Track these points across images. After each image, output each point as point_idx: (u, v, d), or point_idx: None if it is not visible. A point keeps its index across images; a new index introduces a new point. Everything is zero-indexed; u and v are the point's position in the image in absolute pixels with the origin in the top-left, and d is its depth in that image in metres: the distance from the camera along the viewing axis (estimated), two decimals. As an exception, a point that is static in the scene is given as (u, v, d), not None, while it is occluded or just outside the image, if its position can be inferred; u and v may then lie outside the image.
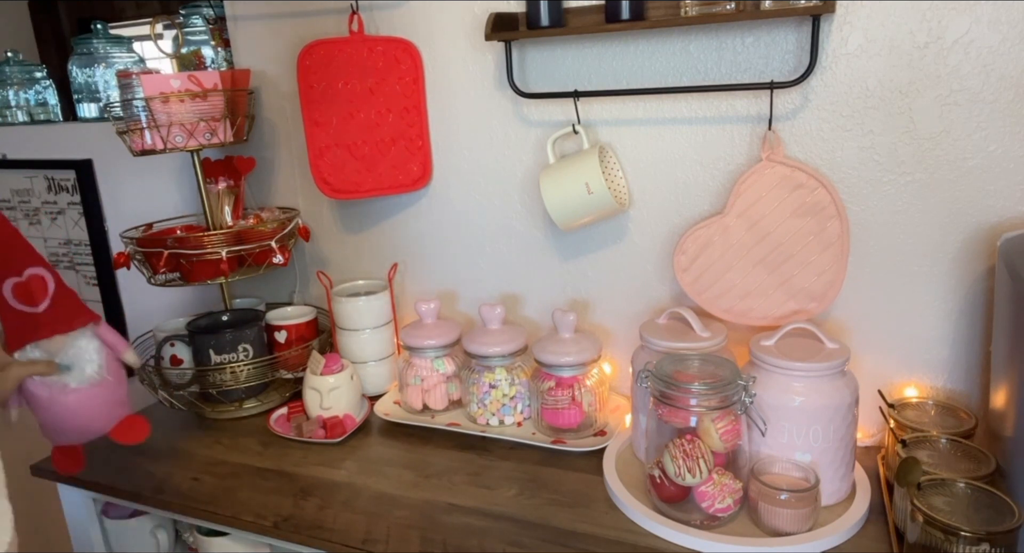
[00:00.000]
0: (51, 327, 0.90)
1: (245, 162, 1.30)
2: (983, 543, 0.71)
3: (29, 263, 0.90)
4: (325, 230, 1.40)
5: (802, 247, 1.00)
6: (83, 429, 0.94)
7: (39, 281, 0.90)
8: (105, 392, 0.94)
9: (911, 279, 1.00)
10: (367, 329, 1.28)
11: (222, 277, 1.21)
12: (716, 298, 1.06)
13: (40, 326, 0.90)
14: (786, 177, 0.99)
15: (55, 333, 0.90)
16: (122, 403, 0.97)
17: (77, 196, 1.60)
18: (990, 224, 0.95)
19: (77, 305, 0.94)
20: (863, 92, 0.96)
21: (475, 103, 1.20)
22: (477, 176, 1.24)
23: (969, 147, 0.93)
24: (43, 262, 0.92)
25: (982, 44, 0.90)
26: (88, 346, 0.92)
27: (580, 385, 1.10)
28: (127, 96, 1.15)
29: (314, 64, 1.18)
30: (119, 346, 0.96)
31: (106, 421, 0.95)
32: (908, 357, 1.03)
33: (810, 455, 0.89)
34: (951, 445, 0.88)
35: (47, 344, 0.90)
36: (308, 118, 1.19)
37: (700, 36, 1.03)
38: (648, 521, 0.90)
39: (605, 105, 1.11)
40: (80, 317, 0.93)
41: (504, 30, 1.07)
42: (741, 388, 0.88)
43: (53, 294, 0.91)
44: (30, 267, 0.90)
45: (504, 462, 1.07)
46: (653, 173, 1.11)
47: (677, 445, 0.88)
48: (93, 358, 0.92)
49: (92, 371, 0.92)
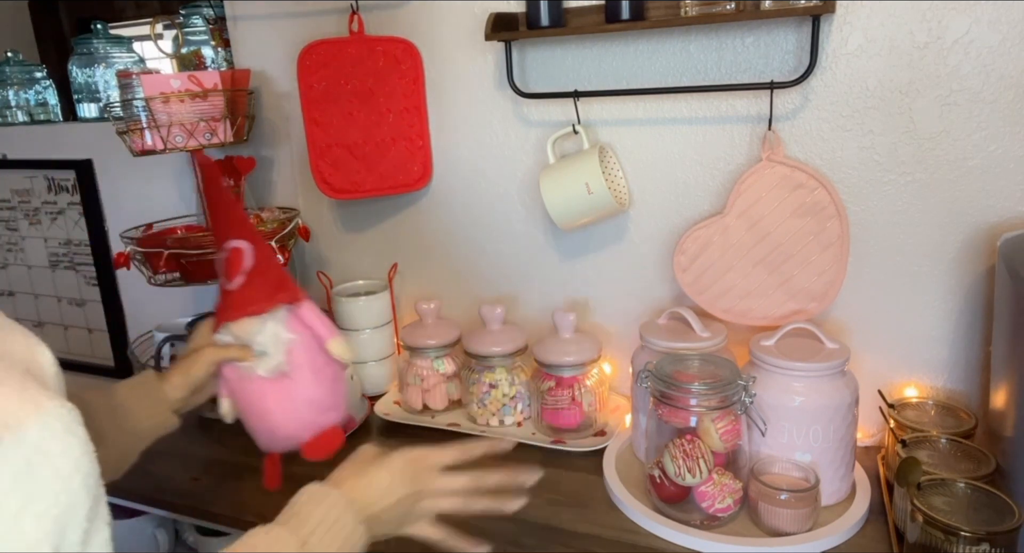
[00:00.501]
0: (240, 308, 0.77)
1: (245, 162, 1.30)
2: (983, 543, 0.71)
3: (235, 235, 0.79)
4: (325, 230, 1.40)
5: (802, 247, 1.00)
6: (271, 432, 0.78)
7: (236, 255, 0.78)
8: (294, 389, 0.77)
9: (911, 279, 1.00)
10: (367, 329, 1.28)
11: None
12: (716, 298, 1.06)
13: (230, 306, 0.78)
14: (786, 177, 0.99)
15: (243, 315, 0.76)
16: (322, 408, 0.79)
17: (77, 196, 1.60)
18: (990, 224, 0.95)
19: (275, 283, 0.79)
20: (863, 92, 0.96)
21: (475, 103, 1.20)
22: (477, 176, 1.24)
23: (969, 147, 0.93)
24: (251, 234, 0.80)
25: (982, 44, 0.90)
26: (277, 328, 0.77)
27: (580, 385, 1.10)
28: (127, 96, 1.15)
29: (314, 64, 1.18)
30: (323, 332, 0.80)
31: (297, 427, 0.78)
32: (908, 357, 1.03)
33: (810, 455, 0.89)
34: (951, 445, 0.88)
35: (235, 327, 0.77)
36: (308, 118, 1.19)
37: (700, 36, 1.03)
38: (648, 521, 0.90)
39: (605, 105, 1.11)
40: (276, 296, 0.78)
41: (504, 30, 1.07)
42: (741, 388, 0.88)
43: (250, 270, 0.77)
44: (234, 239, 0.79)
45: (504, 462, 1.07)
46: (653, 173, 1.11)
47: (677, 445, 0.88)
48: (280, 343, 0.77)
49: (279, 360, 0.77)
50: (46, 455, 0.46)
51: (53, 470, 0.46)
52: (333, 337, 0.80)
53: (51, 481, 0.46)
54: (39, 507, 0.45)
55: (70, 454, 0.48)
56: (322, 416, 0.79)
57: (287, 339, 0.77)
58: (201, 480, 1.08)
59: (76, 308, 1.70)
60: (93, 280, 1.65)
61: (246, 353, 0.78)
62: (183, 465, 1.12)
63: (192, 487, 1.06)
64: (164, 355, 1.25)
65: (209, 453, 1.16)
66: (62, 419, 0.48)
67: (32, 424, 0.46)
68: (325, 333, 0.80)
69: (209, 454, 1.15)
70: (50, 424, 0.47)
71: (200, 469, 1.11)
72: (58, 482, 0.47)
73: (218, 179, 0.85)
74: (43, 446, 0.46)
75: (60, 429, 0.47)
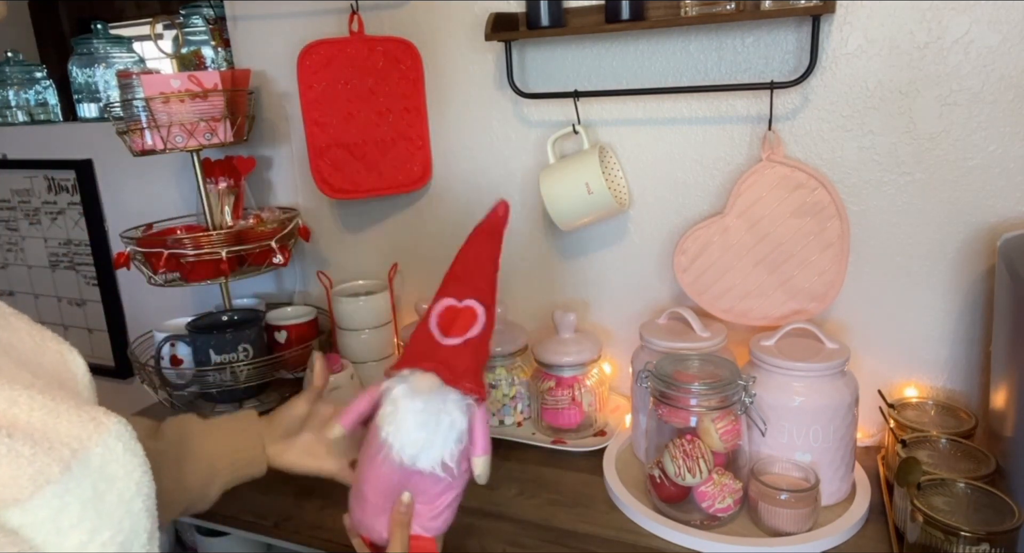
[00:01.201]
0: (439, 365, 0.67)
1: (245, 162, 1.30)
2: (983, 543, 0.71)
3: (478, 296, 0.71)
4: (325, 230, 1.40)
5: (802, 247, 1.00)
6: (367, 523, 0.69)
7: (469, 314, 0.70)
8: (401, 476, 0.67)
9: (911, 279, 1.00)
10: (367, 329, 1.28)
11: (222, 277, 1.21)
12: (716, 298, 1.06)
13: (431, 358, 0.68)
14: (786, 177, 0.99)
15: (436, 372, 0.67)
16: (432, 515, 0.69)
17: (77, 196, 1.60)
18: (990, 224, 0.95)
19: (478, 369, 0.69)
20: (863, 92, 0.96)
21: (475, 103, 1.20)
22: (477, 176, 1.24)
23: (969, 147, 0.93)
24: (491, 305, 0.71)
25: (982, 44, 0.90)
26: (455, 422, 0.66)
27: (580, 385, 1.10)
28: (127, 96, 1.15)
29: (314, 64, 1.18)
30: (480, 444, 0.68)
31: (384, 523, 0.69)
32: (908, 357, 1.03)
33: (810, 455, 0.89)
34: (951, 445, 0.88)
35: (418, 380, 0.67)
36: (308, 118, 1.19)
37: (700, 36, 1.03)
38: (648, 521, 0.90)
39: (605, 105, 1.11)
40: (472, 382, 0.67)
41: (504, 30, 1.07)
42: (741, 388, 0.88)
43: (470, 338, 0.69)
44: (475, 299, 0.71)
45: (504, 462, 1.07)
46: (653, 173, 1.11)
47: (677, 445, 0.88)
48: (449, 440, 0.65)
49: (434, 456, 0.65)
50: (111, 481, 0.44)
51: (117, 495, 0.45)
52: (486, 454, 0.69)
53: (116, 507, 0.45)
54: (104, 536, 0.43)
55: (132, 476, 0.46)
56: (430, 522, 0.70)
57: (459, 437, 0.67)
58: (201, 480, 1.08)
59: (76, 308, 1.70)
60: (93, 280, 1.65)
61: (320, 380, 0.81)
62: (183, 465, 1.12)
63: (192, 487, 1.06)
64: (164, 355, 1.25)
65: (209, 453, 1.15)
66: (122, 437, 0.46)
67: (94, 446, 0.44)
68: (481, 447, 0.69)
69: (209, 454, 1.15)
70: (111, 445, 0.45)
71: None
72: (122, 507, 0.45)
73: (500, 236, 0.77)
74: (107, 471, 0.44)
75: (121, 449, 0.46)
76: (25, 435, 0.41)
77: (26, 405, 0.43)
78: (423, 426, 0.65)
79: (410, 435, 0.65)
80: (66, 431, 0.43)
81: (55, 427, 0.43)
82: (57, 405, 0.44)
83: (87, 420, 0.44)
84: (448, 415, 0.66)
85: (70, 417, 0.44)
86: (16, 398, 0.42)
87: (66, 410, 0.44)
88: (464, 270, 0.74)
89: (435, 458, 0.65)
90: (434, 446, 0.65)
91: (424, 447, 0.65)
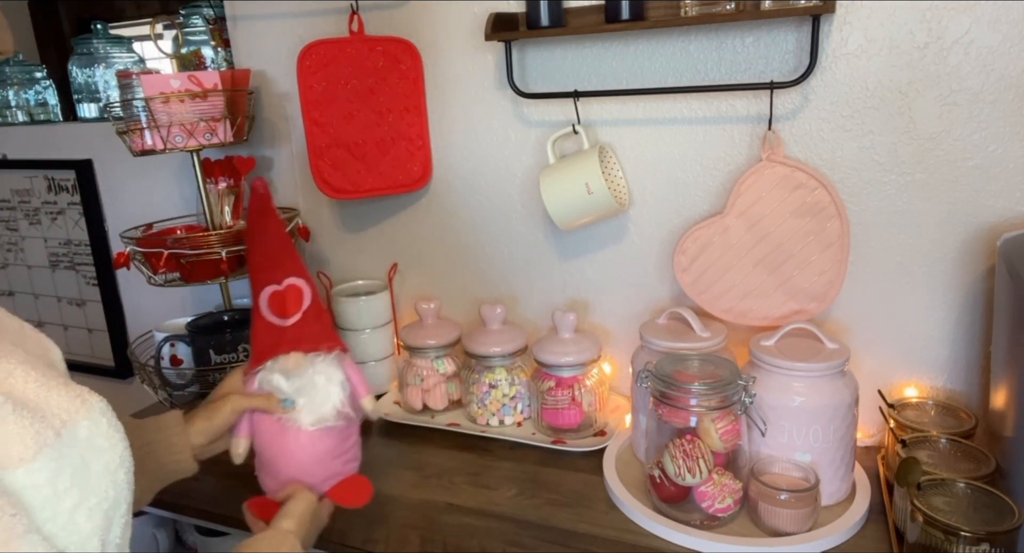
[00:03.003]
0: (293, 343, 0.78)
1: (245, 162, 1.30)
2: (983, 543, 0.71)
3: (292, 273, 0.80)
4: (325, 230, 1.40)
5: (802, 247, 1.00)
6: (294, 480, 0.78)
7: (295, 292, 0.79)
8: (334, 440, 0.79)
9: (911, 279, 1.00)
10: (367, 329, 1.28)
11: (222, 277, 1.21)
12: (716, 298, 1.06)
13: (282, 341, 0.78)
14: (786, 177, 0.99)
15: (294, 349, 0.77)
16: (348, 458, 0.81)
17: (77, 196, 1.60)
18: (990, 224, 0.95)
19: (328, 329, 0.81)
20: (863, 92, 0.96)
21: (475, 103, 1.20)
22: (477, 176, 1.24)
23: (969, 147, 0.93)
24: (306, 275, 0.82)
25: (982, 44, 0.90)
26: (331, 377, 0.77)
27: (580, 385, 1.10)
28: (127, 96, 1.15)
29: (314, 64, 1.18)
30: (360, 388, 0.81)
31: (324, 476, 0.79)
32: (908, 357, 1.03)
33: (810, 455, 0.89)
34: (951, 445, 0.88)
35: (285, 362, 0.77)
36: (308, 118, 1.19)
37: (700, 36, 1.03)
38: (648, 521, 0.90)
39: (605, 105, 1.11)
40: (329, 340, 0.79)
41: (504, 30, 1.07)
42: (741, 388, 0.88)
43: (306, 309, 0.79)
44: (291, 276, 0.80)
45: (504, 462, 1.07)
46: (653, 173, 1.11)
47: (677, 445, 0.88)
48: (333, 395, 0.77)
49: (328, 410, 0.76)
50: (97, 452, 0.47)
51: (103, 466, 0.48)
52: (369, 394, 0.82)
53: (102, 476, 0.47)
54: (92, 502, 0.46)
55: (115, 449, 0.49)
56: (346, 466, 0.81)
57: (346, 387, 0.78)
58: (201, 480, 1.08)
59: (76, 308, 1.70)
60: (93, 280, 1.65)
61: (272, 404, 0.78)
62: (183, 465, 1.12)
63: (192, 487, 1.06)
64: (164, 355, 1.25)
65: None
66: (105, 414, 0.49)
67: (82, 419, 0.47)
68: (363, 389, 0.81)
69: (209, 454, 1.15)
70: (96, 419, 0.48)
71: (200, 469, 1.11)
72: (107, 477, 0.48)
73: (273, 211, 0.84)
74: (94, 442, 0.47)
75: (105, 424, 0.49)
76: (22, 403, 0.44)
77: (21, 378, 0.45)
78: (308, 393, 0.76)
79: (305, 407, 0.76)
80: (56, 404, 0.46)
81: (47, 399, 0.46)
82: (48, 380, 0.47)
83: (74, 396, 0.47)
84: (322, 374, 0.77)
85: (60, 392, 0.47)
86: (12, 370, 0.45)
87: (56, 386, 0.47)
88: (265, 257, 0.81)
89: (330, 412, 0.76)
90: (326, 402, 0.76)
91: (317, 408, 0.76)
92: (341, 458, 0.80)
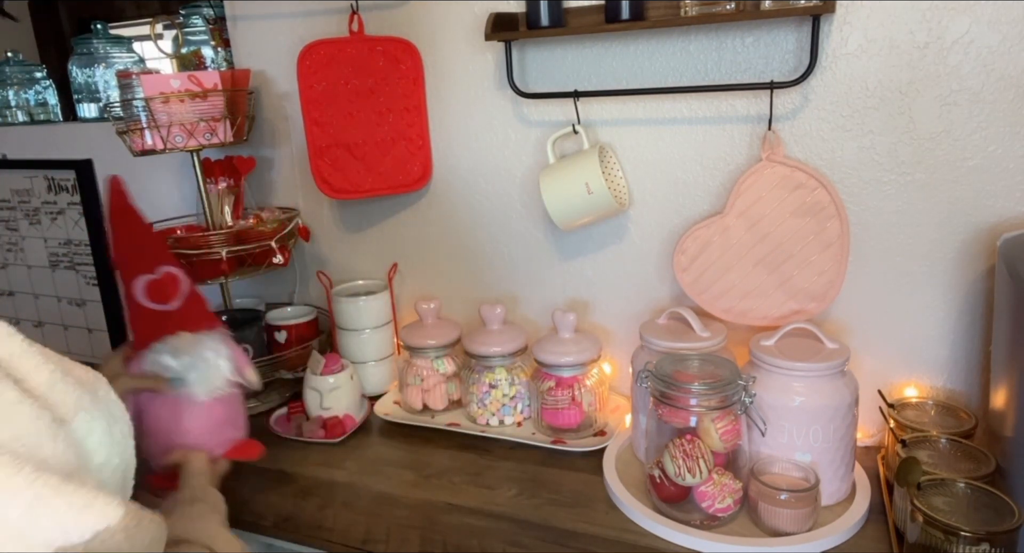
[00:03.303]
0: (180, 324, 0.85)
1: (245, 162, 1.30)
2: (983, 543, 0.71)
3: (163, 261, 0.87)
4: (325, 230, 1.40)
5: (802, 247, 1.00)
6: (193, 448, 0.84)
7: (172, 279, 0.86)
8: (227, 409, 0.87)
9: (911, 279, 1.00)
10: (367, 329, 1.28)
11: (222, 277, 1.21)
12: (716, 298, 1.06)
13: (167, 324, 0.85)
14: (786, 177, 0.99)
15: (183, 329, 0.85)
16: (239, 425, 0.90)
17: (77, 196, 1.60)
18: (990, 224, 0.95)
19: (206, 310, 0.89)
20: (863, 92, 0.96)
21: (475, 103, 1.20)
22: (477, 176, 1.24)
23: (969, 147, 0.93)
24: (176, 262, 0.89)
25: (982, 44, 0.90)
26: (219, 352, 0.85)
27: (580, 385, 1.10)
28: (127, 96, 1.15)
29: (314, 64, 1.18)
30: (241, 361, 0.89)
31: (219, 442, 0.86)
32: (908, 357, 1.03)
33: (810, 455, 0.89)
34: (951, 445, 0.88)
35: (174, 341, 0.84)
36: (308, 118, 1.19)
37: (700, 36, 1.03)
38: (648, 521, 0.90)
39: (605, 105, 1.11)
40: (210, 320, 0.87)
41: (504, 30, 1.07)
42: (741, 388, 0.88)
43: (186, 294, 0.87)
44: (164, 265, 0.87)
45: (504, 462, 1.07)
46: (653, 173, 1.11)
47: (677, 445, 0.88)
48: (222, 367, 0.85)
49: (220, 382, 0.85)
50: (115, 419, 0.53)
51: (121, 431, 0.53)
52: (250, 366, 0.90)
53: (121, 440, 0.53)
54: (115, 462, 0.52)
55: (126, 418, 0.55)
56: (237, 433, 0.90)
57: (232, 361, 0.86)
58: (201, 480, 1.08)
59: (76, 308, 1.69)
60: (93, 280, 1.65)
61: (160, 383, 0.83)
62: (183, 465, 1.12)
63: (192, 487, 1.06)
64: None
65: (209, 453, 1.15)
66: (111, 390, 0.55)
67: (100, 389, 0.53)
68: (243, 362, 0.89)
69: (209, 454, 1.15)
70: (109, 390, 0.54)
71: (200, 469, 1.11)
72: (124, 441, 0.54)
73: (131, 206, 0.89)
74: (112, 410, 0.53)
75: (115, 396, 0.55)
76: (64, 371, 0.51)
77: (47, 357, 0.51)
78: (200, 368, 0.83)
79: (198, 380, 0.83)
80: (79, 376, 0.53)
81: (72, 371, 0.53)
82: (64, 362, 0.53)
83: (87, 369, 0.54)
84: (211, 350, 0.85)
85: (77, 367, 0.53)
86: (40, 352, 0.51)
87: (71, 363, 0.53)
88: (134, 251, 0.87)
89: (222, 382, 0.85)
90: (217, 374, 0.84)
91: (210, 380, 0.84)
92: (234, 424, 0.89)
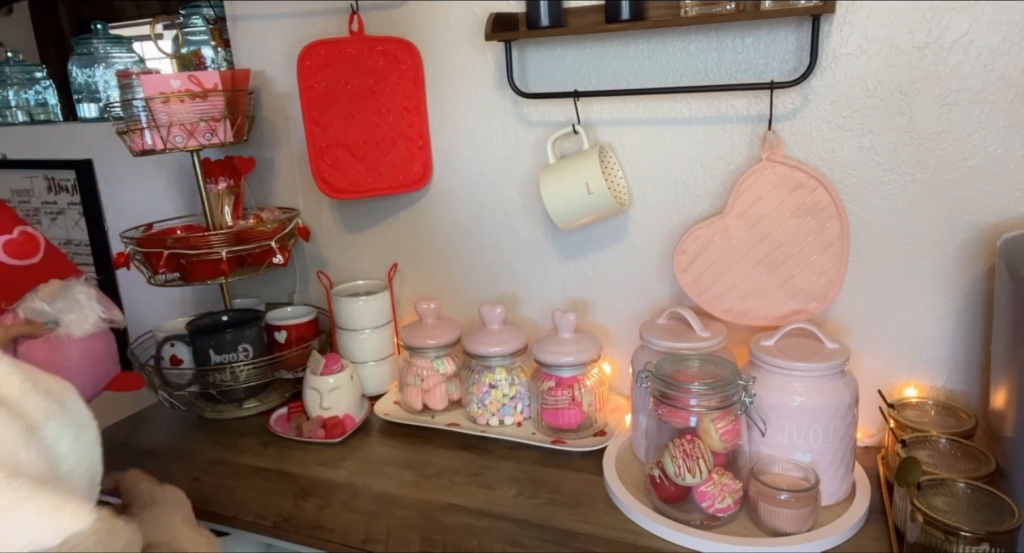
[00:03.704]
0: (47, 274, 0.91)
1: (245, 162, 1.30)
2: (983, 543, 0.71)
3: (16, 223, 0.92)
4: (325, 230, 1.40)
5: (802, 247, 1.00)
6: (86, 384, 0.92)
7: (30, 236, 0.92)
8: (106, 344, 0.95)
9: (911, 279, 1.00)
10: (367, 329, 1.28)
11: (222, 277, 1.21)
12: (716, 298, 1.06)
13: (34, 276, 0.91)
14: (786, 177, 0.99)
15: (52, 277, 0.91)
16: (115, 359, 0.98)
17: (77, 196, 1.60)
18: (990, 224, 0.95)
19: (66, 261, 0.96)
20: (863, 92, 0.96)
21: (475, 103, 1.20)
22: (477, 176, 1.24)
23: (969, 147, 0.93)
24: (26, 222, 0.94)
25: (982, 44, 0.90)
26: (89, 294, 0.93)
27: (580, 385, 1.10)
28: (127, 96, 1.15)
29: (314, 64, 1.18)
30: (107, 302, 0.97)
31: (104, 375, 0.96)
32: (908, 357, 1.03)
33: (810, 455, 0.89)
34: (951, 445, 0.88)
35: (45, 289, 0.90)
36: (308, 118, 1.19)
37: (700, 36, 1.03)
38: (648, 521, 0.90)
39: (605, 105, 1.11)
40: (74, 269, 0.96)
41: (504, 30, 1.07)
42: (741, 388, 0.88)
43: (45, 248, 0.93)
44: (19, 225, 0.92)
45: (504, 462, 1.07)
46: (653, 173, 1.11)
47: (677, 445, 0.88)
48: (94, 306, 0.92)
49: (95, 320, 0.92)
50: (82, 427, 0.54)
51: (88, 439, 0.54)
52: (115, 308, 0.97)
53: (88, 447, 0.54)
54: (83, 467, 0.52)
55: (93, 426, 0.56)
56: (116, 367, 0.98)
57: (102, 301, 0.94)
58: (201, 480, 1.08)
59: (76, 308, 1.69)
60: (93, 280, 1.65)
61: (37, 328, 0.88)
62: (183, 465, 1.12)
63: (192, 487, 1.06)
64: (164, 355, 1.25)
65: (209, 453, 1.16)
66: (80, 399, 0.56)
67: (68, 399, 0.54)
68: (109, 303, 0.96)
69: (209, 454, 1.15)
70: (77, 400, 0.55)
71: (200, 469, 1.11)
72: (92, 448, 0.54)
73: None
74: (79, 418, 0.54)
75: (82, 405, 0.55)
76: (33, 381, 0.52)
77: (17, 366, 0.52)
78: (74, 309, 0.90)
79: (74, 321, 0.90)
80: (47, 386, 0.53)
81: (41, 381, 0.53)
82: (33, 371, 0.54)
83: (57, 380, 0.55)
84: (81, 292, 0.92)
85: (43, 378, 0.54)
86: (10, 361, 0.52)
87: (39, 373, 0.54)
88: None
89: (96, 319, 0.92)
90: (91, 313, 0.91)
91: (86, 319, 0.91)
92: (112, 359, 0.97)
